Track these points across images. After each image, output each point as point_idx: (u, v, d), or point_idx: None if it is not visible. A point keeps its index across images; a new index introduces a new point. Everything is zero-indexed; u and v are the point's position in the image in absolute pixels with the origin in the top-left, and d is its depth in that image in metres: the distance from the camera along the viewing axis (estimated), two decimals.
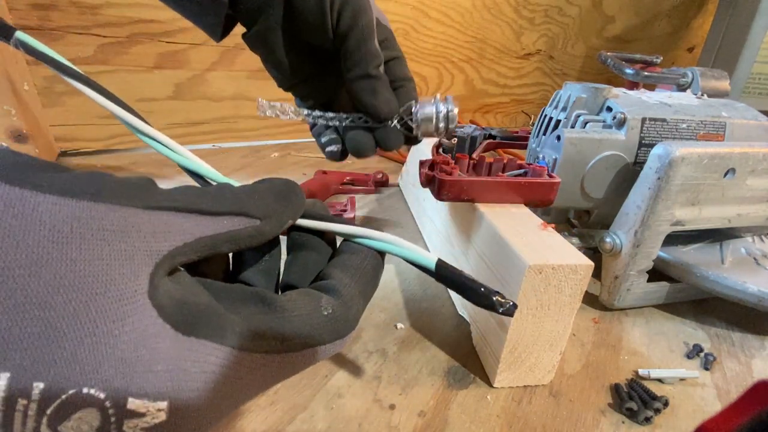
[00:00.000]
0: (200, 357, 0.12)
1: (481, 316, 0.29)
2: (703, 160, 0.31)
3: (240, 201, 0.15)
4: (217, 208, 0.14)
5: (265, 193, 0.16)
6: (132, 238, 0.12)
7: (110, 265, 0.11)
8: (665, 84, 0.50)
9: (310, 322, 0.15)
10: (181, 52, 0.65)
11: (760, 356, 0.33)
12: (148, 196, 0.13)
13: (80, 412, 0.10)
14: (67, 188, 0.11)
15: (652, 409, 0.25)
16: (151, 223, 0.12)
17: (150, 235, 0.12)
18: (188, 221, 0.13)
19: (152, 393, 0.11)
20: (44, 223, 0.10)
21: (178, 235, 0.13)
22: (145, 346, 0.11)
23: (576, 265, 0.23)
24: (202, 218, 0.14)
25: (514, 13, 0.92)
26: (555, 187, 0.31)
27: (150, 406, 0.11)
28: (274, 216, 0.16)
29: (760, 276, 0.34)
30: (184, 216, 0.13)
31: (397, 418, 0.24)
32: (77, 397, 0.10)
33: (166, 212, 0.13)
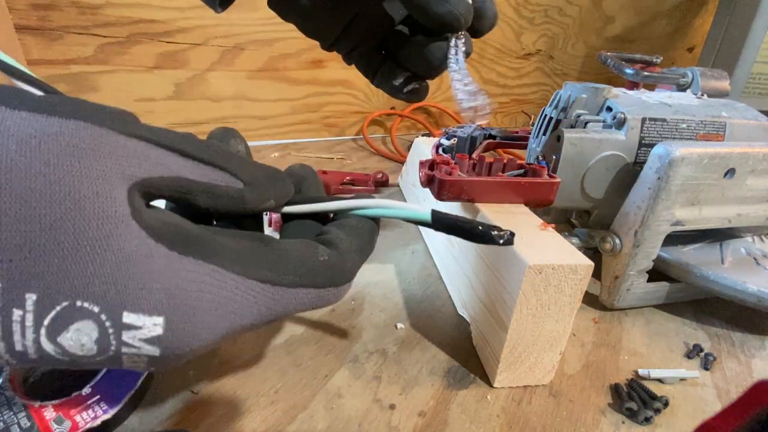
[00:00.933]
0: (196, 276, 0.12)
1: (481, 316, 0.29)
2: (703, 160, 0.31)
3: (227, 158, 0.15)
4: (201, 154, 0.14)
5: (256, 165, 0.16)
6: (104, 158, 0.11)
7: (81, 182, 0.11)
8: (665, 84, 0.50)
9: (305, 263, 0.15)
10: (181, 52, 0.65)
11: (760, 356, 0.33)
12: (128, 124, 0.12)
13: (77, 323, 0.11)
14: (39, 105, 0.11)
15: (652, 409, 0.25)
16: (127, 148, 0.12)
17: (124, 159, 0.12)
18: (169, 157, 0.13)
19: (147, 308, 0.12)
20: (11, 137, 0.10)
21: (155, 166, 0.12)
22: (137, 265, 0.11)
23: (576, 265, 0.23)
24: (183, 159, 0.13)
25: (514, 13, 0.92)
26: (555, 187, 0.31)
27: (146, 320, 0.12)
28: (260, 187, 0.16)
29: (760, 276, 0.34)
30: (165, 151, 0.13)
31: (397, 418, 0.24)
32: (72, 309, 0.11)
33: (144, 142, 0.12)
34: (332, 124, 0.83)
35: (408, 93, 0.29)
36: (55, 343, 0.11)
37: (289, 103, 0.77)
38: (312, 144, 0.80)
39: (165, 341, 0.12)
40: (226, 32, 0.65)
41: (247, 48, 0.67)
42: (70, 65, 0.59)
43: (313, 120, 0.81)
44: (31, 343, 0.11)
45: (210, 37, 0.65)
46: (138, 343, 0.12)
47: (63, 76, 0.59)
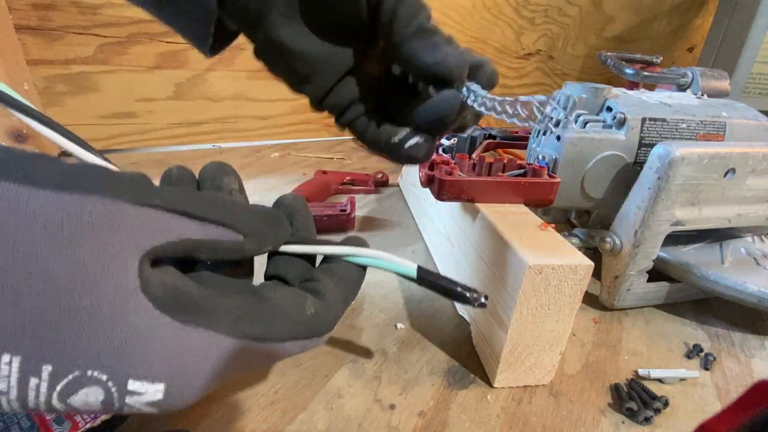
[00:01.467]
0: (196, 344, 0.14)
1: (481, 316, 0.29)
2: (703, 160, 0.31)
3: (230, 213, 0.15)
4: (206, 214, 0.15)
5: (255, 213, 0.17)
6: (120, 233, 0.12)
7: (99, 261, 0.12)
8: (665, 84, 0.50)
9: (294, 318, 0.16)
10: (181, 52, 0.65)
11: (760, 356, 0.33)
12: (140, 191, 0.13)
13: (86, 389, 0.12)
14: (61, 182, 0.11)
15: (652, 409, 0.25)
16: (139, 218, 0.13)
17: (137, 230, 0.13)
18: (175, 221, 0.14)
19: (151, 376, 0.13)
20: (37, 219, 0.11)
21: (164, 232, 0.13)
22: (143, 337, 0.12)
23: (576, 265, 0.23)
24: (189, 221, 0.14)
25: (514, 13, 0.92)
26: (555, 187, 0.31)
27: (149, 387, 0.13)
28: (258, 236, 0.17)
29: (760, 276, 0.34)
30: (172, 216, 0.14)
31: (397, 418, 0.24)
32: (83, 378, 0.12)
33: (154, 209, 0.13)
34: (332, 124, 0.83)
35: (410, 149, 0.24)
36: (65, 403, 0.12)
37: (289, 103, 0.77)
38: (312, 144, 0.80)
39: (164, 404, 0.13)
40: None
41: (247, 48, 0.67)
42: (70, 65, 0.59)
43: (313, 120, 0.81)
44: (42, 402, 0.12)
45: None
46: (139, 405, 0.13)
47: (63, 76, 0.59)
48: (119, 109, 0.65)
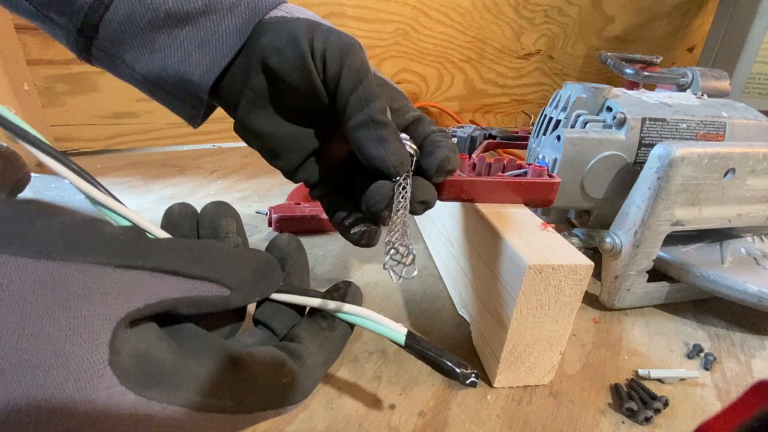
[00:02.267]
0: (160, 420, 0.13)
1: (481, 316, 0.29)
2: (703, 160, 0.31)
3: (217, 267, 0.15)
4: (192, 271, 0.14)
5: (245, 263, 0.17)
6: (94, 301, 0.12)
7: (69, 335, 0.11)
8: (665, 84, 0.50)
9: (267, 389, 0.16)
10: None
11: (760, 356, 0.33)
12: (124, 253, 0.13)
13: None
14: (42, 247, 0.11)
15: (652, 409, 0.25)
16: (119, 283, 0.13)
17: (113, 297, 0.12)
18: (157, 282, 0.14)
19: None
20: (9, 290, 0.11)
21: (142, 295, 0.13)
22: (105, 417, 0.12)
23: (576, 265, 0.23)
24: (173, 279, 0.14)
25: (514, 13, 0.92)
26: (555, 187, 0.31)
27: None
28: (246, 290, 0.16)
29: (760, 276, 0.34)
30: (154, 276, 0.13)
31: (397, 418, 0.24)
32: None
33: (136, 271, 0.13)
34: None
35: (354, 235, 0.25)
36: None
37: None
38: None
39: None
40: None
41: None
42: (70, 65, 0.59)
43: None
44: None
45: None
46: None
47: (63, 76, 0.59)
48: (119, 109, 0.65)
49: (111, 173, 0.59)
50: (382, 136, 0.22)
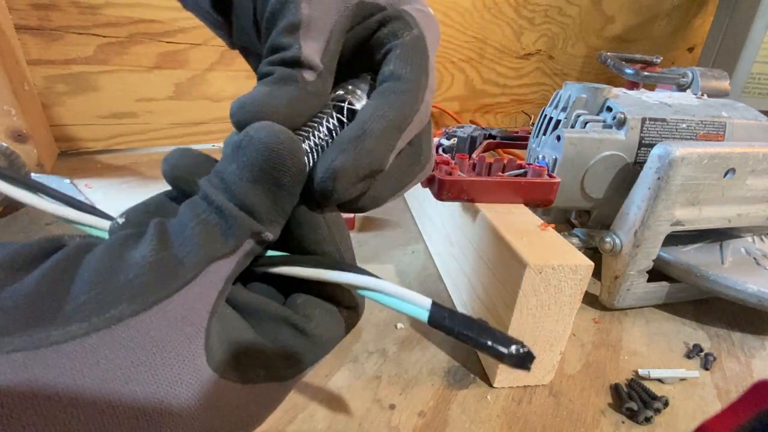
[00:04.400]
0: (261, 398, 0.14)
1: (481, 316, 0.29)
2: (703, 160, 0.31)
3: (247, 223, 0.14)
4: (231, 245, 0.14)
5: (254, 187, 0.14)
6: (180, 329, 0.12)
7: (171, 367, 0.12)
8: (665, 84, 0.50)
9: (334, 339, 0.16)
10: (181, 52, 0.65)
11: (760, 356, 0.33)
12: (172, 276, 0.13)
13: None
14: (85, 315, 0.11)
15: (652, 409, 0.25)
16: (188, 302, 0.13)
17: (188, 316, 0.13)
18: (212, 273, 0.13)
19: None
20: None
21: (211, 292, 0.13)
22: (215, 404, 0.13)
23: (576, 265, 0.23)
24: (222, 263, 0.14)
25: (514, 13, 0.92)
26: (555, 187, 0.31)
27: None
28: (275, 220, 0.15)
29: (760, 276, 0.34)
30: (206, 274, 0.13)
31: (397, 418, 0.24)
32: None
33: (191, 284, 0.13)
34: None
35: None
36: None
37: None
38: None
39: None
40: None
41: None
42: (70, 65, 0.59)
43: None
44: None
45: (210, 37, 0.65)
46: None
47: (63, 76, 0.59)
48: (119, 109, 0.65)
49: (111, 173, 0.59)
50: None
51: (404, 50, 0.18)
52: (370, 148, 0.15)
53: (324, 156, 0.15)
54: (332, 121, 0.17)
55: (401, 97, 0.17)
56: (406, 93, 0.17)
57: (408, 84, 0.17)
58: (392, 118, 0.16)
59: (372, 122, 0.16)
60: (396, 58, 0.17)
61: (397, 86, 0.17)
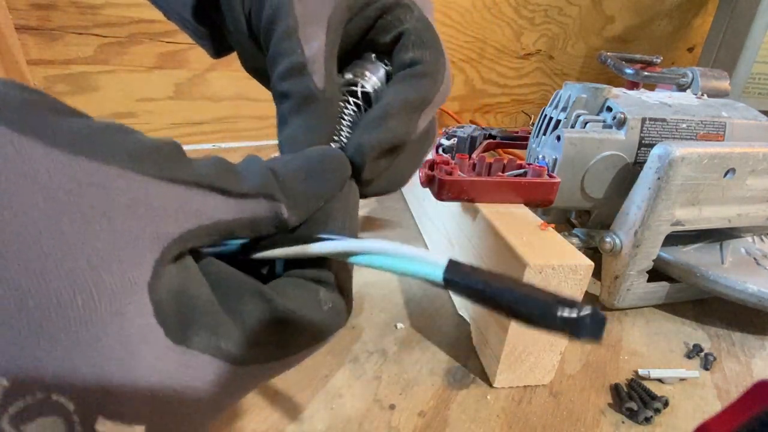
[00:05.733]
0: (189, 372, 0.11)
1: (481, 316, 0.29)
2: (703, 160, 0.31)
3: (268, 182, 0.13)
4: (243, 188, 0.12)
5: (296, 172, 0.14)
6: (140, 215, 0.10)
7: (109, 247, 0.09)
8: (665, 84, 0.50)
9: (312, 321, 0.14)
10: (181, 52, 0.65)
11: (760, 356, 0.33)
12: (169, 164, 0.11)
13: (45, 417, 0.09)
14: (77, 142, 0.09)
15: (652, 409, 0.25)
16: (165, 197, 0.11)
17: (161, 213, 0.10)
18: (208, 200, 0.12)
19: (128, 414, 0.10)
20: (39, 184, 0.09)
21: (193, 216, 0.11)
22: (131, 354, 0.10)
23: (576, 265, 0.23)
24: (224, 199, 0.12)
25: (514, 13, 0.92)
26: (555, 187, 0.31)
27: (123, 428, 0.10)
28: (303, 204, 0.14)
29: (760, 276, 0.34)
30: (204, 194, 0.11)
31: (397, 418, 0.24)
32: (44, 403, 0.09)
33: (184, 187, 0.11)
34: None
35: None
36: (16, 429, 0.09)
37: None
38: None
39: None
40: None
41: None
42: (70, 65, 0.59)
43: None
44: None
45: None
46: None
47: (63, 76, 0.59)
48: (119, 109, 0.65)
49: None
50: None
51: (417, 35, 0.19)
52: (392, 126, 0.17)
53: (351, 137, 0.17)
54: (350, 108, 0.19)
55: (422, 81, 0.18)
56: (426, 76, 0.18)
57: (428, 67, 0.19)
58: (415, 101, 0.18)
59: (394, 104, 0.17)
60: (412, 45, 0.19)
61: (418, 70, 0.18)
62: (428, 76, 0.18)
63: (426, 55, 0.19)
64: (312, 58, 0.17)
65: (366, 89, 0.19)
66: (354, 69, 0.20)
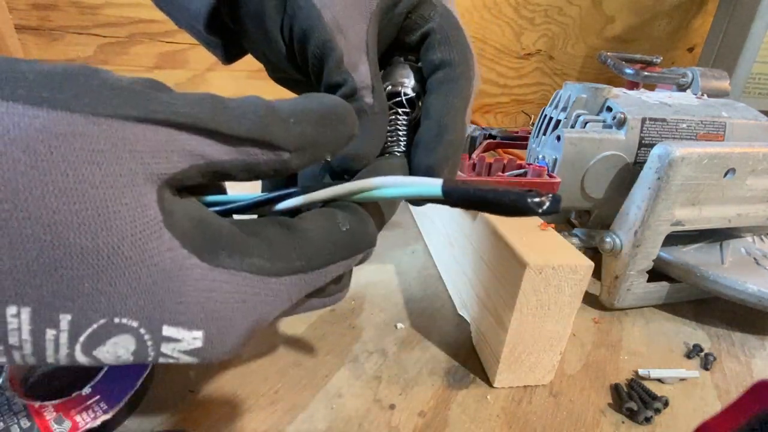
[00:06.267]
0: (230, 287, 0.12)
1: (481, 316, 0.29)
2: (703, 160, 0.31)
3: (266, 126, 0.12)
4: (235, 130, 0.12)
5: (303, 116, 0.13)
6: (125, 159, 0.10)
7: (107, 194, 0.10)
8: (665, 84, 0.50)
9: (331, 239, 0.14)
10: (181, 52, 0.65)
11: (760, 356, 0.33)
12: (144, 103, 0.10)
13: (115, 338, 0.10)
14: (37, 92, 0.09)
15: (652, 409, 0.25)
16: (147, 139, 0.10)
17: (148, 156, 0.10)
18: (197, 142, 0.11)
19: (187, 322, 0.11)
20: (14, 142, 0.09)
21: (183, 156, 0.11)
22: (172, 279, 0.11)
23: (576, 265, 0.23)
24: (213, 142, 0.11)
25: (514, 13, 0.92)
26: (555, 187, 0.31)
27: (185, 334, 0.11)
28: (309, 149, 0.13)
29: (760, 276, 0.34)
30: (192, 135, 0.11)
31: (397, 418, 0.24)
32: (109, 326, 0.10)
33: (166, 128, 0.11)
34: None
35: None
36: (90, 356, 0.11)
37: None
38: None
39: (203, 352, 0.12)
40: None
41: None
42: None
43: None
44: (64, 356, 0.10)
45: None
46: (177, 354, 0.12)
47: None
48: None
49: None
50: None
51: (442, 33, 0.20)
52: (451, 139, 0.18)
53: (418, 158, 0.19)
54: (402, 117, 0.20)
55: (459, 83, 0.19)
56: (462, 77, 0.19)
57: (460, 68, 0.19)
58: (459, 106, 0.19)
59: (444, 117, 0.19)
60: (439, 44, 0.20)
61: (451, 73, 0.19)
62: (462, 77, 0.20)
63: (454, 54, 0.20)
64: (361, 83, 0.18)
65: (409, 95, 0.20)
66: (390, 78, 0.21)
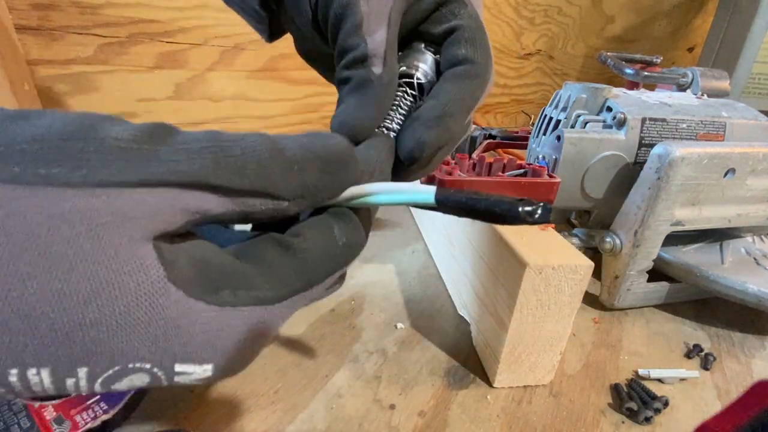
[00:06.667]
0: (237, 323, 0.12)
1: (481, 316, 0.29)
2: (703, 160, 0.31)
3: (268, 177, 0.12)
4: (236, 184, 0.12)
5: (307, 161, 0.13)
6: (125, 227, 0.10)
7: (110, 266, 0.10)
8: (665, 84, 0.50)
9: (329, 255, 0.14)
10: (181, 52, 0.65)
11: (760, 356, 0.33)
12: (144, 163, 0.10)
13: (130, 376, 0.11)
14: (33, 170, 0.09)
15: (652, 409, 0.25)
16: (146, 204, 0.10)
17: (147, 220, 0.11)
18: (194, 198, 0.11)
19: (197, 359, 0.12)
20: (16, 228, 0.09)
21: (183, 215, 0.11)
22: (180, 327, 0.11)
23: (576, 265, 0.23)
24: (212, 197, 0.12)
25: (514, 13, 0.92)
26: (555, 187, 0.31)
27: (196, 368, 0.12)
28: (309, 197, 0.14)
29: (760, 276, 0.34)
30: (189, 192, 0.11)
31: (397, 418, 0.24)
32: (124, 369, 0.11)
33: (165, 188, 0.11)
34: None
35: None
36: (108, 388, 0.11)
37: (289, 103, 0.77)
38: None
39: (215, 378, 0.13)
40: (226, 32, 0.65)
41: (247, 48, 0.67)
42: (70, 65, 0.59)
43: (313, 120, 0.81)
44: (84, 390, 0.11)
45: (210, 37, 0.65)
46: (189, 381, 0.12)
47: (63, 76, 0.59)
48: (119, 109, 0.65)
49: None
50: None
51: (470, 33, 0.20)
52: (450, 126, 0.18)
53: (411, 130, 0.18)
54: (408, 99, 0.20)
55: (475, 81, 0.20)
56: (478, 77, 0.20)
57: (480, 68, 0.20)
58: (468, 101, 0.19)
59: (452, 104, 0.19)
60: (465, 42, 0.20)
61: (471, 70, 0.20)
62: (480, 78, 0.20)
63: (478, 55, 0.20)
64: (374, 50, 0.18)
65: (420, 80, 0.20)
66: (406, 60, 0.21)
